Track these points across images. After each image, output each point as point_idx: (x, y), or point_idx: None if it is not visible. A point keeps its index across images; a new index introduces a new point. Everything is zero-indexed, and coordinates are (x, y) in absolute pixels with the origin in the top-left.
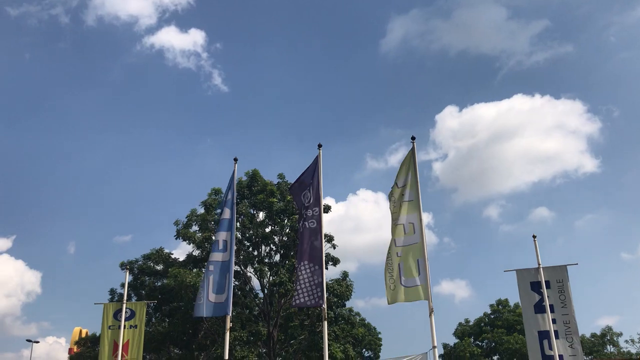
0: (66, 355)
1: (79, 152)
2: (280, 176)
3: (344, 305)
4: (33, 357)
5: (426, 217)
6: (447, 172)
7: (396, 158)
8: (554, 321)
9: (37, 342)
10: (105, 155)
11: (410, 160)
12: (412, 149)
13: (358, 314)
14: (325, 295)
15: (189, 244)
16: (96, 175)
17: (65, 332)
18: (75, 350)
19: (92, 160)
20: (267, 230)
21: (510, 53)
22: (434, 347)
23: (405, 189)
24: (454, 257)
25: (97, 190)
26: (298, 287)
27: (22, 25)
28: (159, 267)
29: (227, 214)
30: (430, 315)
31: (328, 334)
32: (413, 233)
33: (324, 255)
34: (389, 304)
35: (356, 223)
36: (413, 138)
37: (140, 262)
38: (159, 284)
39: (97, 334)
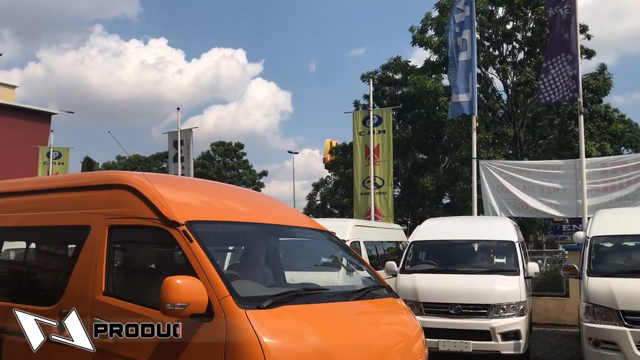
0: (321, 165)
1: None
2: None
3: (600, 102)
4: (293, 167)
5: None
6: None
7: None
8: None
9: (297, 153)
10: None
11: None
12: None
13: (617, 110)
14: (580, 89)
15: (426, 49)
16: None
17: (318, 143)
18: (328, 158)
19: None
20: (508, 27)
21: None
22: None
23: None
24: None
25: (324, 6)
26: (548, 83)
27: None
28: (398, 76)
29: (465, 11)
30: None
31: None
32: None
33: (578, 44)
34: None
35: (616, 7)
36: None
37: (380, 73)
38: (399, 92)
39: (347, 143)
